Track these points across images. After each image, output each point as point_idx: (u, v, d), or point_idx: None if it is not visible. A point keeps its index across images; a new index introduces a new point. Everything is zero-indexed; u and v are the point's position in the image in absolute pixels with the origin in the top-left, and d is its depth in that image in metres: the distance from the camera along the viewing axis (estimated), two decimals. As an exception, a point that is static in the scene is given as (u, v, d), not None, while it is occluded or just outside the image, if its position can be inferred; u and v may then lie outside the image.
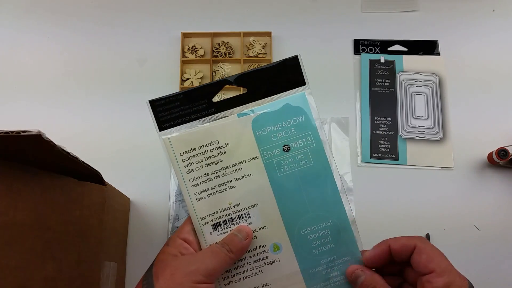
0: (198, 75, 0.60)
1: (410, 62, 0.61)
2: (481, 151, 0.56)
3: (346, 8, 0.64)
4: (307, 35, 0.63)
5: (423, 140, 0.57)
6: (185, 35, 0.62)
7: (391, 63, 0.61)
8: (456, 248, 0.53)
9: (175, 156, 0.34)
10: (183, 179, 0.33)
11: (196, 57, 0.60)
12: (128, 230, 0.53)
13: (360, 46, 0.62)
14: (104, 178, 0.41)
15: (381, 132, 0.57)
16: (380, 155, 0.56)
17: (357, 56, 0.61)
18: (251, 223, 0.33)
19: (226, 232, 0.34)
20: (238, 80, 0.34)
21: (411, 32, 0.62)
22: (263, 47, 0.61)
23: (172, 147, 0.34)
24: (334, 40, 0.62)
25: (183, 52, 0.61)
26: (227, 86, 0.34)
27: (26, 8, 0.64)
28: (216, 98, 0.34)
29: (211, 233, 0.33)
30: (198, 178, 0.33)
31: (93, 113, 0.58)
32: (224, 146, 0.33)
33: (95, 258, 0.40)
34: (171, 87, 0.59)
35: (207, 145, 0.33)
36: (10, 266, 0.29)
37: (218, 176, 0.33)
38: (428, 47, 0.62)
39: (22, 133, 0.25)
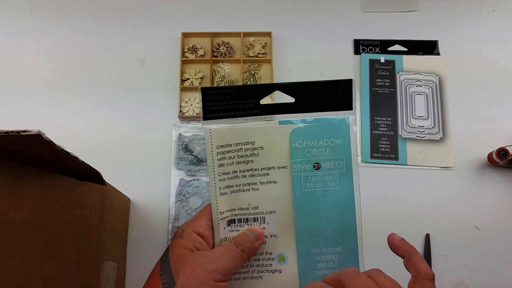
0: (198, 75, 0.60)
1: (410, 62, 0.61)
2: (481, 151, 0.56)
3: (346, 8, 0.64)
4: (307, 35, 0.63)
5: (423, 140, 0.57)
6: (185, 35, 0.62)
7: (391, 63, 0.61)
8: (456, 248, 0.53)
9: (211, 147, 0.34)
10: (214, 171, 0.34)
11: (196, 57, 0.60)
12: (128, 230, 0.53)
13: (360, 46, 0.62)
14: (104, 178, 0.41)
15: (381, 132, 0.57)
16: (380, 155, 0.56)
17: (357, 56, 0.61)
18: (264, 228, 0.34)
19: (238, 230, 0.34)
20: (289, 88, 0.34)
21: (411, 32, 0.62)
22: (263, 47, 0.61)
23: (211, 138, 0.34)
24: (334, 40, 0.62)
25: (183, 52, 0.61)
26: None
27: (26, 8, 0.64)
28: (264, 101, 0.34)
29: (224, 228, 0.34)
30: (227, 173, 0.34)
31: (93, 113, 0.58)
32: (258, 148, 0.34)
33: (95, 258, 0.40)
34: (171, 87, 0.59)
35: (243, 144, 0.34)
36: (10, 266, 0.29)
37: (245, 176, 0.34)
38: (428, 47, 0.62)
39: (22, 133, 0.25)
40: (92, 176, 0.39)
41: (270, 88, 0.34)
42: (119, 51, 0.62)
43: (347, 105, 0.35)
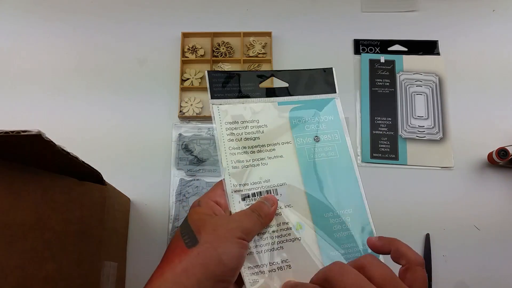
0: (198, 75, 0.60)
1: (410, 62, 0.61)
2: (481, 151, 0.56)
3: (346, 8, 0.64)
4: (307, 35, 0.63)
5: (423, 140, 0.57)
6: (185, 35, 0.62)
7: (391, 63, 0.61)
8: (456, 248, 0.53)
9: (220, 122, 0.36)
10: (224, 145, 0.36)
11: (196, 57, 0.60)
12: (128, 230, 0.53)
13: (360, 46, 0.62)
14: (104, 178, 0.41)
15: (381, 132, 0.57)
16: (380, 155, 0.56)
17: (357, 56, 0.61)
18: (278, 200, 0.35)
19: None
20: (283, 74, 0.39)
21: (411, 32, 0.62)
22: (263, 47, 0.61)
23: (219, 115, 0.36)
24: (334, 40, 0.62)
25: (183, 52, 0.61)
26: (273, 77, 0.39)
27: (26, 8, 0.64)
28: (263, 85, 0.38)
29: (239, 202, 0.35)
30: (237, 148, 0.36)
31: (93, 113, 0.58)
32: (262, 126, 0.37)
33: (95, 258, 0.40)
34: (171, 87, 0.59)
35: (249, 121, 0.37)
36: (10, 266, 0.29)
37: (254, 152, 0.36)
38: (428, 47, 0.62)
39: (22, 133, 0.25)
40: (92, 176, 0.39)
41: (268, 74, 0.38)
42: (119, 51, 0.62)
43: (332, 89, 0.40)
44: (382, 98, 0.59)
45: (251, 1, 0.64)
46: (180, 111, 0.57)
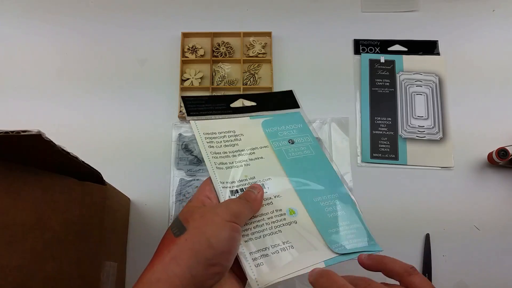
0: (198, 75, 0.60)
1: (410, 62, 0.61)
2: (481, 151, 0.56)
3: (346, 8, 0.64)
4: (307, 35, 0.63)
5: (423, 140, 0.57)
6: (185, 35, 0.62)
7: (391, 63, 0.61)
8: (456, 248, 0.53)
9: (199, 134, 0.39)
10: (206, 152, 0.39)
11: (196, 57, 0.60)
12: (128, 230, 0.53)
13: (360, 46, 0.62)
14: (104, 178, 0.41)
15: (381, 132, 0.57)
16: (380, 155, 0.56)
17: (357, 56, 0.61)
18: (266, 192, 0.37)
19: None
20: (251, 97, 0.44)
21: (411, 32, 0.62)
22: (263, 47, 0.61)
23: (197, 128, 0.40)
24: (334, 40, 0.62)
25: (183, 52, 0.61)
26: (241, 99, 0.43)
27: (26, 8, 0.64)
28: (234, 104, 0.42)
29: (229, 196, 0.37)
30: (218, 153, 0.39)
31: (93, 113, 0.58)
32: (239, 135, 0.40)
33: (95, 258, 0.40)
34: (171, 87, 0.59)
35: (226, 132, 0.40)
36: (10, 266, 0.29)
37: (235, 155, 0.39)
38: (428, 47, 0.62)
39: (22, 133, 0.25)
40: (92, 176, 0.39)
41: (237, 97, 0.43)
42: (119, 51, 0.62)
43: (296, 105, 0.45)
44: (382, 98, 0.59)
45: (251, 1, 0.64)
46: (180, 111, 0.57)
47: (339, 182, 0.40)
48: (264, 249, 0.34)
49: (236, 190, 0.37)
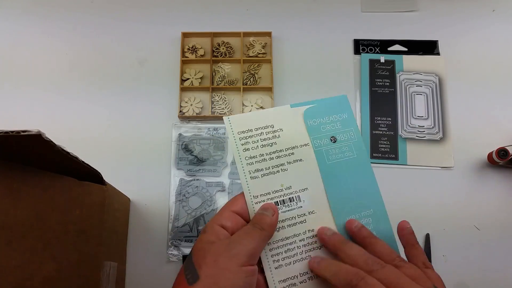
0: (198, 75, 0.60)
1: (410, 62, 0.61)
2: (481, 151, 0.56)
3: (346, 8, 0.64)
4: (307, 35, 0.63)
5: (423, 140, 0.57)
6: (185, 35, 0.62)
7: (391, 63, 0.61)
8: (456, 248, 0.53)
9: (233, 134, 0.35)
10: (239, 156, 0.35)
11: (196, 57, 0.60)
12: (128, 230, 0.53)
13: (360, 46, 0.62)
14: (104, 178, 0.41)
15: (381, 132, 0.57)
16: (380, 155, 0.56)
17: (357, 56, 0.61)
18: (301, 207, 0.34)
19: (278, 213, 0.35)
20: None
21: (411, 32, 0.62)
22: (263, 47, 0.61)
23: (231, 126, 0.35)
24: (334, 40, 0.62)
25: (183, 52, 0.61)
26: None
27: (26, 8, 0.64)
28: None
29: None
30: (254, 157, 0.35)
31: (93, 113, 0.58)
32: (278, 130, 0.36)
33: (95, 258, 0.40)
34: (171, 87, 0.59)
35: (263, 127, 0.36)
36: (10, 266, 0.29)
37: (272, 158, 0.35)
38: (428, 47, 0.62)
39: (22, 133, 0.25)
40: (92, 176, 0.39)
41: None
42: (119, 51, 0.62)
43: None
44: (382, 98, 0.59)
45: (251, 1, 0.64)
46: (180, 111, 0.57)
47: (377, 194, 0.36)
48: (293, 277, 0.32)
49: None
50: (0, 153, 0.28)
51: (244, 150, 0.35)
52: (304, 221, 0.34)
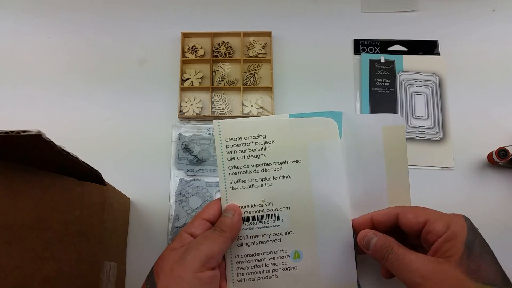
0: (198, 75, 0.60)
1: (410, 62, 0.61)
2: (481, 151, 0.56)
3: (346, 8, 0.64)
4: (307, 35, 0.63)
5: (423, 140, 0.57)
6: (185, 35, 0.62)
7: (391, 63, 0.61)
8: (456, 248, 0.53)
9: (220, 140, 0.34)
10: (223, 164, 0.33)
11: (196, 57, 0.60)
12: (128, 230, 0.53)
13: (360, 46, 0.62)
14: (104, 178, 0.41)
15: (381, 132, 0.57)
16: (380, 155, 0.56)
17: (357, 56, 0.61)
18: (278, 225, 0.33)
19: (252, 228, 0.33)
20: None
21: (411, 32, 0.62)
22: (263, 47, 0.61)
23: (219, 131, 0.34)
24: (334, 40, 0.62)
25: (183, 52, 0.61)
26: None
27: (26, 8, 0.64)
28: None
29: None
30: (238, 167, 0.33)
31: (93, 113, 0.58)
32: (269, 142, 0.34)
33: (95, 258, 0.40)
34: (171, 87, 0.59)
35: (254, 137, 0.34)
36: (10, 266, 0.29)
37: (258, 171, 0.33)
38: (428, 47, 0.62)
39: (22, 133, 0.25)
40: (92, 176, 0.39)
41: None
42: (119, 51, 0.62)
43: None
44: (382, 98, 0.59)
45: (251, 1, 0.64)
46: (180, 111, 0.57)
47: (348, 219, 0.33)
48: None
49: (247, 217, 0.33)
50: (0, 153, 0.28)
51: (229, 159, 0.33)
52: (279, 240, 0.33)
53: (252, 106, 0.58)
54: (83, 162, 0.34)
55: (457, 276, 0.28)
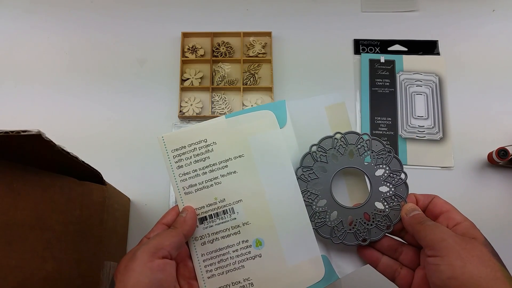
0: (198, 75, 0.60)
1: (410, 62, 0.61)
2: (481, 151, 0.56)
3: (346, 8, 0.64)
4: (307, 35, 0.63)
5: (423, 140, 0.57)
6: (185, 35, 0.62)
7: (391, 63, 0.61)
8: (456, 248, 0.53)
9: (167, 152, 0.37)
10: (173, 174, 0.36)
11: (196, 57, 0.60)
12: (128, 230, 0.53)
13: (360, 46, 0.62)
14: (104, 178, 0.41)
15: (381, 132, 0.57)
16: (380, 155, 0.56)
17: (357, 56, 0.61)
18: (235, 219, 0.35)
19: (211, 226, 0.35)
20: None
21: (411, 32, 0.62)
22: (263, 47, 0.61)
23: (164, 145, 0.37)
24: (334, 40, 0.62)
25: (183, 52, 0.61)
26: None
27: (26, 8, 0.64)
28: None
29: (197, 226, 0.35)
30: (187, 173, 0.36)
31: (93, 113, 0.58)
32: (211, 144, 0.36)
33: (95, 258, 0.40)
34: (171, 87, 0.59)
35: (196, 143, 0.36)
36: (10, 266, 0.29)
37: (205, 173, 0.36)
38: (428, 47, 0.62)
39: (22, 133, 0.25)
40: (92, 176, 0.39)
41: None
42: (119, 50, 0.62)
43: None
44: (382, 98, 0.59)
45: (251, 1, 0.64)
46: (180, 111, 0.57)
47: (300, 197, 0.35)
48: (225, 286, 0.34)
49: (205, 217, 0.35)
50: (0, 153, 0.28)
51: (177, 168, 0.36)
52: (238, 232, 0.35)
53: (252, 106, 0.58)
54: (83, 162, 0.34)
55: (484, 251, 0.32)
